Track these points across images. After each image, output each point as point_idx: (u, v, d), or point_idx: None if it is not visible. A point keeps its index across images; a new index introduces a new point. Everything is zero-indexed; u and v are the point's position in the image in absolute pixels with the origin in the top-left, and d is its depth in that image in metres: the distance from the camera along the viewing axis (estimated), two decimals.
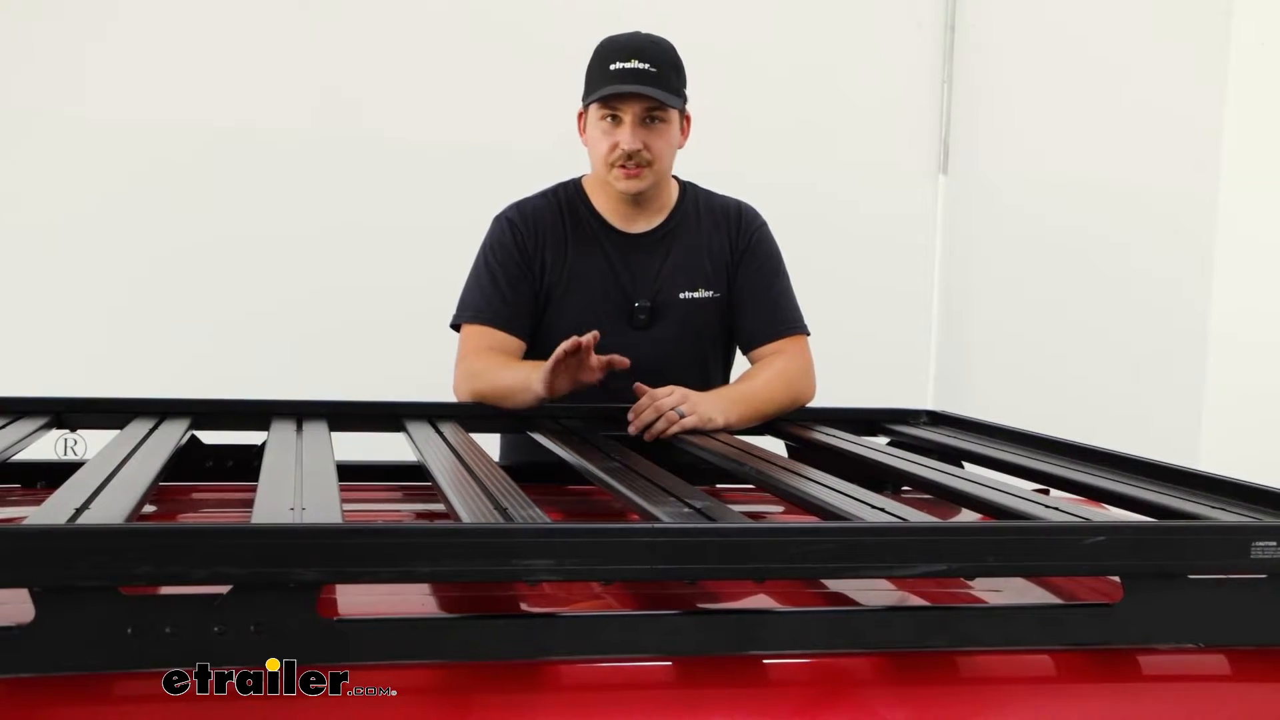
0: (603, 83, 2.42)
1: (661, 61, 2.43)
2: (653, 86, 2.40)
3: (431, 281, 2.81)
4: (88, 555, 1.12)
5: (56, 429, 2.19)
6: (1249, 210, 5.09)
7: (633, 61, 2.41)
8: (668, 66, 2.44)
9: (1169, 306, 5.17)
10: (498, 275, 2.52)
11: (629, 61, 2.41)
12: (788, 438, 2.43)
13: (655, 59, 2.42)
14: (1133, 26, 5.07)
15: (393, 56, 4.34)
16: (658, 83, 2.41)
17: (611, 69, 2.42)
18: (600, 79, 2.44)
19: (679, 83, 2.47)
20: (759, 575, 1.31)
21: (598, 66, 2.45)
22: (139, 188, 4.17)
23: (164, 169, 4.18)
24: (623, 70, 2.41)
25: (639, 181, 2.47)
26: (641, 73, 2.40)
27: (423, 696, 1.23)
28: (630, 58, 2.41)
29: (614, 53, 2.44)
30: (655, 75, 2.41)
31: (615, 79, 2.41)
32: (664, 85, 2.42)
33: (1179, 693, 1.42)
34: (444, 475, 1.72)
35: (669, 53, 2.47)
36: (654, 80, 2.41)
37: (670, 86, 2.43)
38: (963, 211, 4.94)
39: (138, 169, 4.16)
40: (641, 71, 2.40)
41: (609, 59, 2.43)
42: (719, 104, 2.67)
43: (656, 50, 2.45)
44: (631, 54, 2.42)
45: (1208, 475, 1.79)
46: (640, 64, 2.40)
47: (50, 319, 4.12)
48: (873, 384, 3.49)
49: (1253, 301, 5.06)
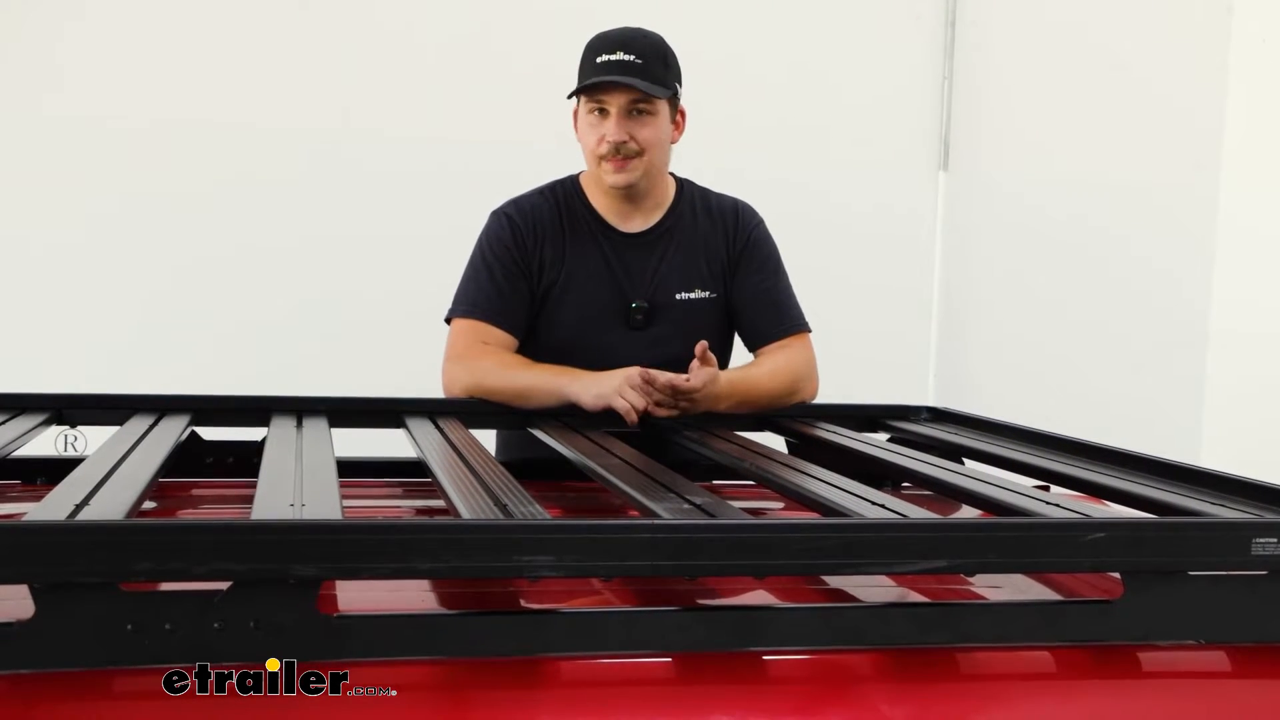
0: (589, 74, 2.43)
1: (648, 53, 2.43)
2: (636, 77, 2.40)
3: (432, 278, 2.81)
4: (88, 551, 1.12)
5: (56, 425, 2.19)
6: (1250, 206, 5.08)
7: (618, 54, 2.41)
8: (654, 58, 2.44)
9: (1170, 302, 5.16)
10: (495, 270, 2.51)
11: (614, 54, 2.41)
12: (788, 434, 2.43)
13: (642, 51, 2.43)
14: (1134, 22, 5.06)
15: (386, 57, 4.34)
16: (641, 74, 2.41)
17: (598, 61, 2.42)
18: (587, 71, 2.44)
19: (667, 75, 2.47)
20: (759, 572, 1.31)
21: (586, 60, 2.46)
22: (140, 186, 4.17)
23: (164, 168, 4.19)
24: (608, 62, 2.41)
25: (628, 174, 2.47)
26: (626, 64, 2.40)
27: (423, 694, 1.23)
28: (616, 50, 2.42)
29: (601, 46, 2.44)
30: (640, 66, 2.41)
31: (600, 70, 2.41)
32: (648, 76, 2.41)
33: (1179, 689, 1.42)
34: (444, 471, 1.72)
35: (657, 45, 2.47)
36: (638, 71, 2.40)
37: (656, 78, 2.43)
38: (963, 208, 4.93)
39: (139, 168, 4.17)
40: (626, 63, 2.40)
41: (596, 52, 2.44)
42: (719, 101, 2.67)
43: (644, 42, 2.45)
44: (617, 46, 2.42)
45: (1208, 471, 1.79)
46: (625, 56, 2.41)
47: (50, 315, 4.12)
48: (873, 380, 3.49)
49: (1254, 297, 5.05)
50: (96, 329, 4.13)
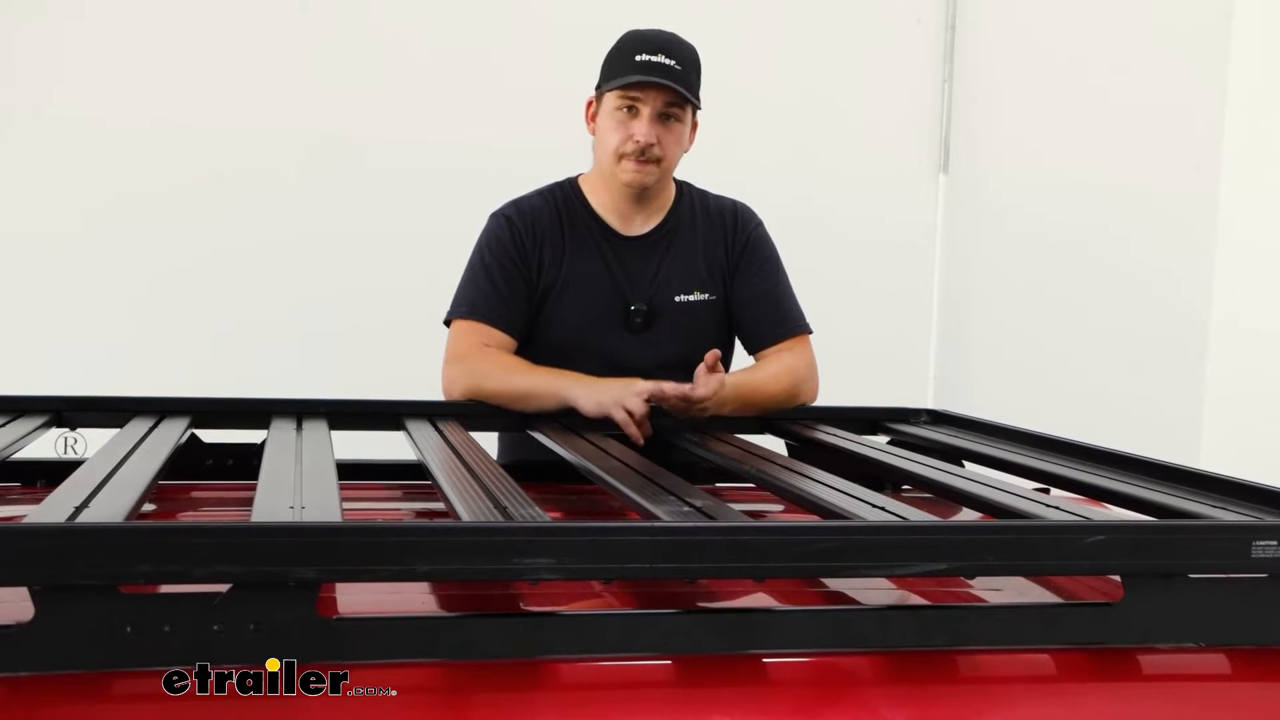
0: (626, 71, 2.41)
1: (685, 60, 2.43)
2: (676, 82, 2.40)
3: (431, 281, 2.81)
4: (87, 554, 1.12)
5: (56, 428, 2.19)
6: (1250, 209, 5.09)
7: (659, 55, 2.41)
8: (691, 66, 2.45)
9: (1170, 305, 5.17)
10: (494, 272, 2.51)
11: (655, 55, 2.41)
12: (788, 436, 2.43)
13: (681, 57, 2.43)
14: (1134, 24, 5.07)
15: (387, 60, 4.34)
16: (680, 80, 2.41)
17: (637, 59, 2.41)
18: (623, 68, 2.42)
19: (698, 84, 2.48)
20: (759, 574, 1.31)
21: (621, 56, 2.44)
22: (140, 189, 4.17)
23: (164, 170, 4.18)
24: (649, 62, 2.40)
25: (644, 176, 2.47)
26: (667, 68, 2.40)
27: (422, 696, 1.23)
28: (657, 51, 2.41)
29: (640, 44, 2.43)
30: (679, 73, 2.41)
31: (640, 69, 2.40)
32: (685, 83, 2.42)
33: (1179, 692, 1.42)
34: (444, 474, 1.72)
35: (692, 54, 2.47)
36: (677, 77, 2.41)
37: (690, 86, 2.44)
38: (963, 211, 4.94)
39: (138, 170, 4.16)
40: (667, 66, 2.40)
41: (635, 49, 2.42)
42: (719, 103, 2.66)
43: (682, 49, 2.45)
44: (658, 47, 2.42)
45: (1208, 474, 1.79)
46: (666, 59, 2.40)
47: (50, 318, 4.12)
48: (873, 382, 3.49)
49: (1254, 300, 5.06)
50: (96, 331, 4.13)
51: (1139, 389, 5.09)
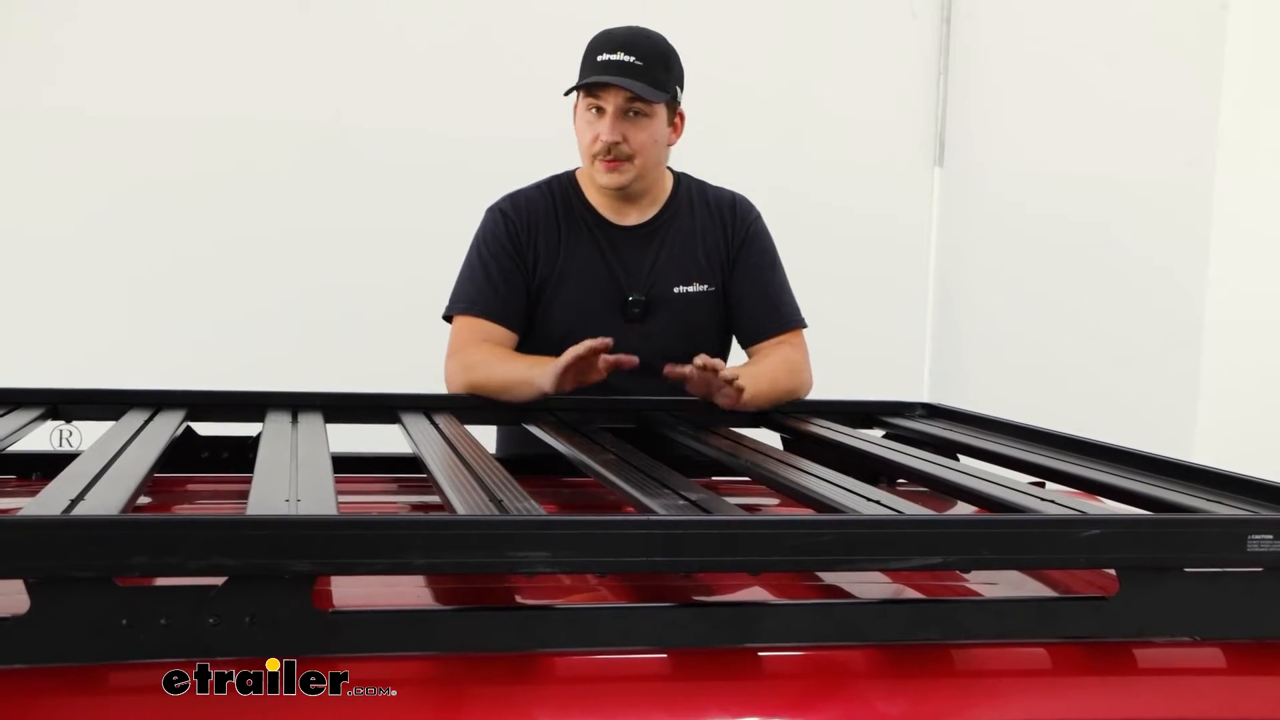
0: (589, 72, 2.43)
1: (649, 55, 2.43)
2: (634, 79, 2.39)
3: (427, 274, 2.81)
4: (83, 546, 1.11)
5: (52, 420, 2.19)
6: (1244, 202, 5.10)
7: (619, 54, 2.41)
8: (655, 60, 2.43)
9: (1164, 299, 5.18)
10: (491, 267, 2.51)
11: (615, 53, 2.41)
12: (783, 430, 2.43)
13: (643, 52, 2.42)
14: (1129, 19, 5.07)
15: (384, 52, 4.33)
16: (640, 75, 2.40)
17: (598, 60, 2.42)
18: (587, 68, 2.44)
19: (668, 78, 2.46)
20: (754, 568, 1.31)
21: (587, 57, 2.46)
22: (136, 183, 4.16)
23: (159, 162, 4.18)
24: (608, 62, 2.41)
25: (619, 176, 2.47)
26: (625, 65, 2.40)
27: (420, 691, 1.23)
28: (617, 50, 2.41)
29: (604, 44, 2.44)
30: (639, 68, 2.40)
31: (599, 69, 2.41)
32: (647, 79, 2.41)
33: (1174, 686, 1.42)
34: (439, 467, 1.72)
35: (659, 46, 2.46)
36: (636, 73, 2.40)
37: (655, 80, 2.42)
38: (958, 204, 4.94)
39: (134, 164, 4.16)
40: (625, 64, 2.40)
41: (598, 50, 2.44)
42: (713, 96, 2.67)
43: (646, 44, 2.44)
44: (619, 46, 2.42)
45: (1203, 468, 1.80)
46: (626, 56, 2.40)
47: (45, 310, 4.11)
48: (868, 376, 3.50)
49: (1248, 293, 5.07)
50: (91, 324, 4.12)
51: (1133, 383, 5.09)
